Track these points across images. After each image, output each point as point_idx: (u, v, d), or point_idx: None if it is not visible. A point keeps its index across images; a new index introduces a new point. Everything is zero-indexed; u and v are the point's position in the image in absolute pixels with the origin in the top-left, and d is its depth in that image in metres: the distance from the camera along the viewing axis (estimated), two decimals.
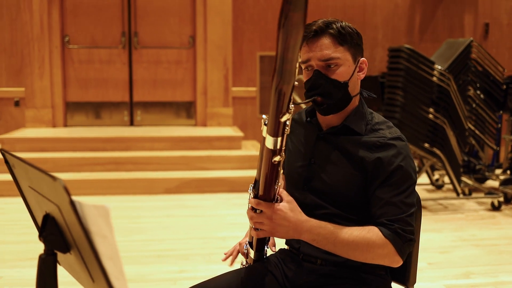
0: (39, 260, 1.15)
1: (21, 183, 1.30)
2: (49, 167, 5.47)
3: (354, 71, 1.54)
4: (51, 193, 1.05)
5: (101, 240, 0.90)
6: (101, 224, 0.89)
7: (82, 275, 1.19)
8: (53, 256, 1.16)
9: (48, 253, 1.15)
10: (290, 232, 1.42)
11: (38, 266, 1.16)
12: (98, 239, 0.91)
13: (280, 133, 1.32)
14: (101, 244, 0.91)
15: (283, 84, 1.21)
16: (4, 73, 6.51)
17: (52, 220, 1.13)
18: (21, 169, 1.22)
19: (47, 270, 1.15)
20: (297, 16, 1.11)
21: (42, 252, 1.16)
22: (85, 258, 1.04)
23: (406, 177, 1.47)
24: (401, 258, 1.44)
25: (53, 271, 1.16)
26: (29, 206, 1.37)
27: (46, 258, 1.15)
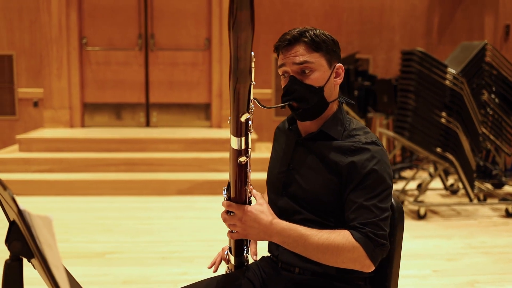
0: (5, 266, 1.17)
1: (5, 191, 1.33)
2: (65, 167, 5.57)
3: (330, 77, 1.53)
4: (9, 203, 1.07)
5: (48, 249, 0.92)
6: (46, 234, 0.90)
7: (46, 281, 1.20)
8: (18, 262, 1.17)
9: (13, 258, 1.17)
10: (261, 234, 1.43)
11: (3, 271, 1.18)
12: (45, 248, 0.92)
13: (242, 133, 1.33)
14: (48, 253, 0.92)
15: (239, 83, 1.23)
16: (24, 74, 6.65)
17: (16, 227, 1.15)
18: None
19: (12, 275, 1.17)
20: (244, 14, 1.13)
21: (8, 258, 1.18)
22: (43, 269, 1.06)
23: (380, 181, 1.46)
24: (372, 263, 1.42)
25: (19, 276, 1.18)
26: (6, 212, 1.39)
27: (11, 263, 1.16)
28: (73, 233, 4.07)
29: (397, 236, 1.61)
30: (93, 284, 3.13)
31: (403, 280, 3.23)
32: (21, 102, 6.69)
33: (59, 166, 5.59)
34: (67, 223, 4.33)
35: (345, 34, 6.96)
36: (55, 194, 5.21)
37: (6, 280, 1.17)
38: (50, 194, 5.21)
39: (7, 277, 1.17)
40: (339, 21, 6.93)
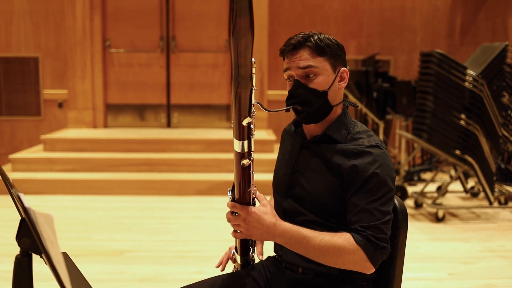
0: (15, 261, 1.23)
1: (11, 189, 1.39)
2: (87, 167, 5.69)
3: (334, 81, 1.55)
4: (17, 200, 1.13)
5: (50, 245, 0.97)
6: (48, 231, 0.95)
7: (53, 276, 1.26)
8: (27, 257, 1.23)
9: (23, 254, 1.23)
10: (264, 235, 1.46)
11: (14, 266, 1.24)
12: (48, 244, 0.98)
13: (245, 136, 1.36)
14: (51, 249, 0.97)
15: (241, 89, 1.27)
16: (49, 76, 6.81)
17: (26, 224, 1.21)
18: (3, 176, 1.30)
19: (22, 270, 1.23)
20: (243, 22, 1.17)
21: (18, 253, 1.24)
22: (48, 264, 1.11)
23: (382, 184, 1.47)
24: (372, 265, 1.44)
25: (28, 271, 1.24)
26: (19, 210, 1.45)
27: (21, 258, 1.23)
28: (93, 231, 4.16)
29: (401, 238, 1.63)
30: (110, 281, 3.20)
31: (418, 282, 3.23)
32: (46, 103, 6.85)
33: (81, 165, 5.71)
34: (88, 221, 4.43)
35: (366, 36, 6.94)
36: (77, 193, 5.33)
37: (16, 274, 1.23)
38: (72, 193, 5.33)
39: (17, 271, 1.23)
40: (359, 22, 6.92)
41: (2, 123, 6.76)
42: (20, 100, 6.84)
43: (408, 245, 3.91)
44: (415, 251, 3.79)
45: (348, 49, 6.92)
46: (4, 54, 6.75)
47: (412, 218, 4.62)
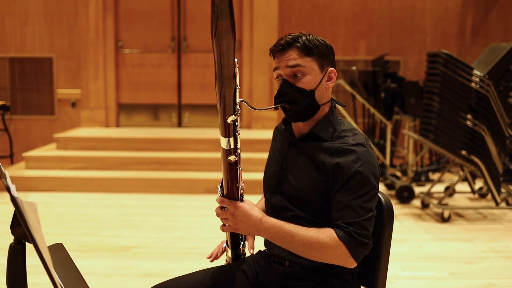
0: (9, 249, 1.30)
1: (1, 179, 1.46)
2: (98, 165, 5.79)
3: (322, 80, 1.60)
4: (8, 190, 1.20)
5: (36, 232, 1.03)
6: (33, 218, 1.02)
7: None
8: (21, 245, 1.30)
9: (16, 242, 1.30)
10: (251, 229, 1.51)
11: (8, 254, 1.31)
12: (34, 231, 1.04)
13: (230, 133, 1.42)
14: (36, 235, 1.04)
15: (225, 88, 1.33)
16: (63, 76, 6.94)
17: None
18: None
19: (16, 258, 1.30)
20: (224, 24, 1.22)
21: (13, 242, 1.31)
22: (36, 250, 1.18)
23: (365, 182, 1.51)
24: (354, 260, 1.49)
25: (22, 258, 1.30)
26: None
27: (15, 247, 1.29)
28: (102, 228, 4.25)
29: (386, 234, 1.67)
30: (116, 275, 3.28)
31: (419, 281, 3.25)
32: (60, 103, 6.98)
33: (93, 164, 5.82)
34: (98, 218, 4.53)
35: (375, 36, 6.95)
36: (88, 190, 5.44)
37: (10, 262, 1.30)
38: (83, 190, 5.44)
39: (11, 259, 1.30)
40: (369, 23, 6.93)
41: (17, 122, 6.91)
42: (34, 100, 6.99)
43: (412, 244, 3.96)
44: (418, 250, 3.81)
45: (357, 49, 6.94)
46: (19, 54, 6.90)
47: (418, 218, 4.64)
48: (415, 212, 4.83)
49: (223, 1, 1.21)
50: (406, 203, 5.10)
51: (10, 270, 1.31)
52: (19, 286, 1.30)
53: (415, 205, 5.07)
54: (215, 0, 1.21)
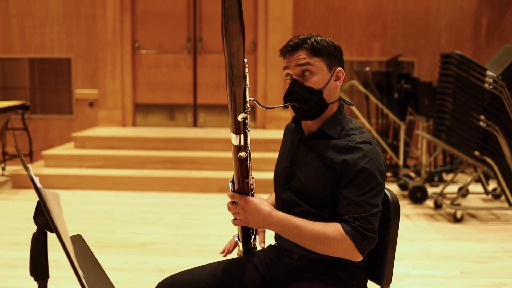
0: (32, 238, 1.38)
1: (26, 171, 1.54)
2: (115, 164, 5.90)
3: (330, 80, 1.65)
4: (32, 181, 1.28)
5: (58, 220, 1.11)
6: (56, 207, 1.09)
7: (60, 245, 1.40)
8: (43, 235, 1.38)
9: (39, 232, 1.38)
10: (260, 222, 1.58)
11: (31, 242, 1.39)
12: (56, 219, 1.12)
13: (241, 130, 1.49)
14: (58, 223, 1.11)
15: (235, 87, 1.39)
16: (81, 76, 7.08)
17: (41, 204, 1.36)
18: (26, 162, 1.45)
19: (38, 246, 1.38)
20: (234, 26, 1.29)
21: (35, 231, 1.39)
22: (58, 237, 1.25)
23: (371, 178, 1.57)
24: (360, 254, 1.54)
25: (44, 247, 1.38)
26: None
27: (37, 236, 1.38)
28: (118, 225, 4.35)
29: (392, 229, 1.72)
30: (132, 271, 3.37)
31: (429, 279, 3.28)
32: (78, 102, 7.12)
33: (110, 162, 5.93)
34: (114, 215, 4.63)
35: (390, 37, 6.97)
36: (105, 188, 5.55)
37: (33, 250, 1.38)
38: (100, 188, 5.55)
39: (34, 247, 1.38)
40: (383, 24, 6.96)
41: (37, 121, 7.05)
42: (53, 100, 7.13)
43: (423, 244, 3.99)
44: (430, 249, 3.84)
45: (372, 50, 6.97)
46: (38, 55, 7.05)
47: (430, 218, 4.66)
48: (428, 212, 4.85)
49: (233, 4, 1.28)
50: (419, 203, 5.12)
51: (33, 258, 1.39)
52: (41, 273, 1.38)
53: (428, 206, 5.09)
54: (225, 4, 1.28)
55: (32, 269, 1.39)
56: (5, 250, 3.74)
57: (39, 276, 1.39)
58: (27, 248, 3.85)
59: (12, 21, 7.00)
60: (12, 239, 3.97)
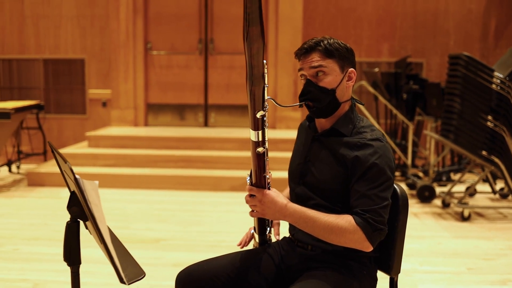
0: (66, 226, 1.49)
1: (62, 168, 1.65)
2: (128, 163, 6.02)
3: (342, 80, 1.75)
4: (70, 174, 1.38)
5: (94, 207, 1.21)
6: (93, 195, 1.20)
7: (96, 238, 1.51)
8: (76, 223, 1.49)
9: (72, 220, 1.49)
10: (277, 214, 1.68)
11: (65, 230, 1.50)
12: (93, 206, 1.22)
13: (259, 127, 1.58)
14: (95, 210, 1.22)
15: (254, 86, 1.49)
16: (94, 77, 7.21)
17: (75, 195, 1.47)
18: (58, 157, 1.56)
19: (71, 234, 1.48)
20: (255, 30, 1.39)
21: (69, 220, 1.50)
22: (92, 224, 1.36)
23: (381, 173, 1.66)
24: (370, 244, 1.64)
25: (76, 235, 1.49)
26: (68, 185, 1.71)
27: (71, 224, 1.48)
28: (132, 221, 4.46)
29: (401, 221, 1.81)
30: (147, 265, 3.47)
31: (437, 275, 3.36)
32: (91, 102, 7.25)
33: (123, 161, 6.05)
34: (128, 212, 4.74)
35: (399, 39, 7.05)
36: (119, 187, 5.67)
37: (67, 237, 1.49)
38: (114, 186, 5.67)
39: (68, 234, 1.49)
40: (392, 25, 7.03)
41: (51, 120, 7.19)
42: (67, 99, 7.27)
43: (431, 241, 4.07)
44: (437, 247, 3.92)
45: (381, 51, 7.05)
46: (52, 56, 7.19)
47: (438, 217, 4.74)
48: (436, 211, 4.93)
49: (254, 10, 1.37)
50: (427, 202, 5.20)
51: (67, 245, 1.50)
52: (74, 258, 1.49)
53: (436, 205, 5.17)
54: (247, 9, 1.37)
55: (66, 255, 1.50)
56: (24, 245, 3.86)
57: (72, 262, 1.50)
58: (45, 243, 3.98)
59: (27, 23, 7.15)
60: (31, 235, 4.10)
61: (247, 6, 1.37)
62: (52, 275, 3.29)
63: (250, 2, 1.36)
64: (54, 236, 4.06)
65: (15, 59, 7.23)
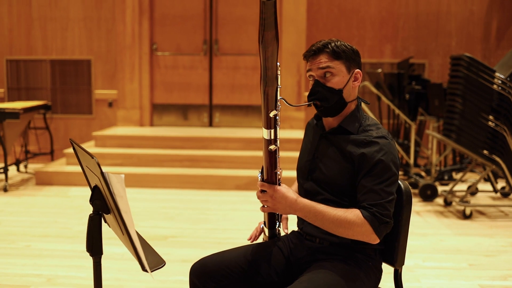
0: (89, 219, 1.58)
1: (82, 163, 1.74)
2: (134, 162, 6.11)
3: (349, 81, 1.84)
4: (94, 169, 1.47)
5: (120, 200, 1.30)
6: (119, 188, 1.29)
7: (117, 230, 1.60)
8: (98, 216, 1.58)
9: (95, 213, 1.58)
10: (287, 209, 1.77)
11: (88, 223, 1.59)
12: (118, 199, 1.31)
13: (272, 125, 1.67)
14: (120, 202, 1.31)
15: (268, 87, 1.58)
16: (100, 77, 7.30)
17: (98, 189, 1.56)
18: (80, 153, 1.65)
19: (94, 226, 1.58)
20: (270, 34, 1.48)
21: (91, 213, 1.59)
22: (116, 216, 1.45)
23: (386, 169, 1.75)
24: (377, 237, 1.72)
25: (99, 226, 1.59)
26: (88, 180, 1.80)
27: (93, 217, 1.58)
28: (140, 219, 4.55)
29: (404, 215, 1.90)
30: None
31: (440, 271, 3.45)
32: (98, 103, 7.34)
33: (129, 160, 6.15)
34: (136, 211, 4.83)
35: (401, 40, 7.13)
36: (125, 185, 5.72)
37: (89, 228, 1.58)
38: None
39: (90, 226, 1.58)
40: (395, 26, 7.12)
41: (57, 120, 7.29)
42: (73, 100, 7.37)
43: (433, 238, 4.16)
44: (440, 244, 4.00)
45: (383, 52, 7.13)
46: (59, 57, 7.29)
47: (440, 215, 4.82)
48: (438, 210, 5.01)
49: (270, 15, 1.46)
50: (429, 201, 5.28)
51: (89, 236, 1.59)
52: (96, 248, 1.58)
53: (438, 203, 5.25)
54: (263, 14, 1.46)
55: (89, 246, 1.60)
56: (36, 241, 3.95)
57: (94, 252, 1.59)
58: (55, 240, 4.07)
59: (34, 25, 7.25)
60: (42, 232, 4.19)
61: (263, 12, 1.46)
62: (64, 270, 3.38)
63: (266, 7, 1.45)
64: (64, 233, 4.16)
65: (23, 60, 7.33)
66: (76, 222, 4.48)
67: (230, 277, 1.88)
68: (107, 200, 1.49)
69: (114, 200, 1.33)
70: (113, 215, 1.53)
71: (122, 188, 1.28)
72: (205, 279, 1.89)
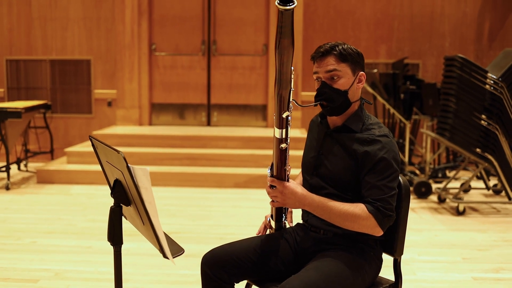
0: (110, 210, 1.69)
1: (102, 159, 1.84)
2: (134, 160, 6.21)
3: (354, 82, 1.96)
4: (118, 163, 1.58)
5: (144, 191, 1.41)
6: (144, 180, 1.40)
7: (137, 221, 1.71)
8: (119, 208, 1.69)
9: (116, 205, 1.69)
10: (297, 203, 1.88)
11: (109, 215, 1.70)
12: (143, 190, 1.42)
13: (284, 125, 1.78)
14: (144, 193, 1.42)
15: (282, 90, 1.69)
16: (100, 77, 7.39)
17: (119, 183, 1.67)
18: (101, 149, 1.75)
19: (115, 217, 1.69)
20: (286, 41, 1.60)
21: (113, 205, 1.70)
22: (138, 207, 1.56)
23: (389, 166, 1.87)
24: (381, 229, 1.85)
25: (119, 218, 1.70)
26: (106, 175, 1.91)
27: (115, 209, 1.69)
28: None
29: (403, 209, 2.01)
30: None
31: (434, 264, 3.58)
32: (97, 102, 7.44)
33: (129, 159, 6.09)
34: None
35: (396, 41, 7.27)
36: None
37: (111, 221, 1.69)
38: None
39: (112, 217, 1.69)
40: (390, 28, 7.26)
41: (57, 120, 7.37)
42: (73, 99, 7.45)
43: (428, 234, 4.29)
44: (434, 239, 4.14)
45: (379, 53, 7.26)
46: (59, 56, 7.37)
47: (434, 212, 4.95)
48: (432, 206, 5.15)
49: (287, 24, 1.57)
50: (423, 198, 5.42)
51: (111, 226, 1.70)
52: (117, 238, 1.69)
53: (432, 200, 5.39)
54: (281, 23, 1.57)
55: (110, 236, 1.71)
56: (41, 238, 4.05)
57: (115, 242, 1.71)
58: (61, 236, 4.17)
59: (34, 25, 7.33)
60: (46, 228, 4.29)
61: (281, 20, 1.57)
62: (71, 265, 3.48)
63: (284, 17, 1.56)
64: (69, 230, 4.25)
65: (23, 60, 7.41)
66: (80, 219, 4.58)
67: (240, 266, 1.99)
68: (129, 192, 1.60)
69: (138, 191, 1.44)
70: (134, 207, 1.64)
71: (147, 180, 1.40)
72: (217, 268, 2.00)
